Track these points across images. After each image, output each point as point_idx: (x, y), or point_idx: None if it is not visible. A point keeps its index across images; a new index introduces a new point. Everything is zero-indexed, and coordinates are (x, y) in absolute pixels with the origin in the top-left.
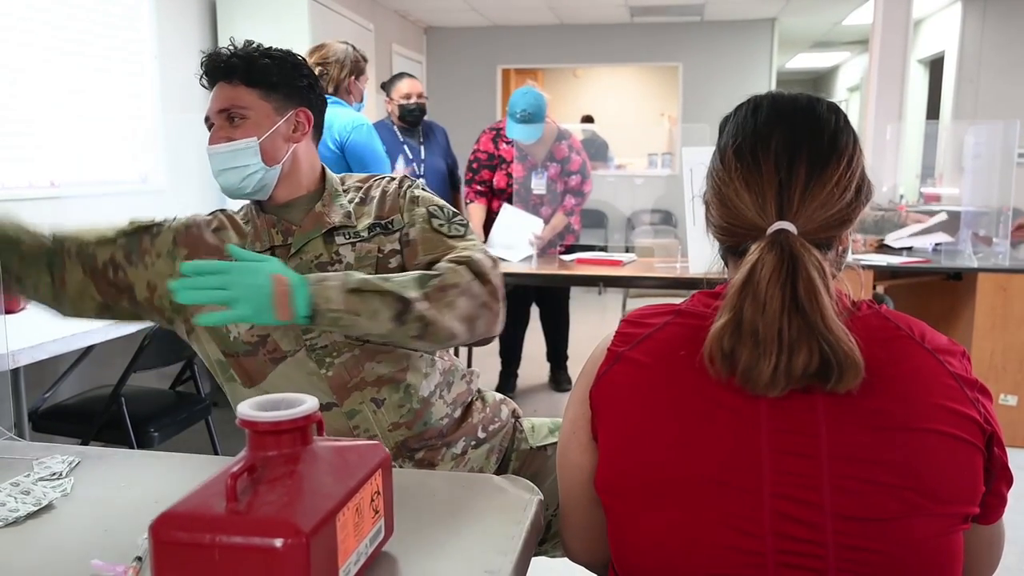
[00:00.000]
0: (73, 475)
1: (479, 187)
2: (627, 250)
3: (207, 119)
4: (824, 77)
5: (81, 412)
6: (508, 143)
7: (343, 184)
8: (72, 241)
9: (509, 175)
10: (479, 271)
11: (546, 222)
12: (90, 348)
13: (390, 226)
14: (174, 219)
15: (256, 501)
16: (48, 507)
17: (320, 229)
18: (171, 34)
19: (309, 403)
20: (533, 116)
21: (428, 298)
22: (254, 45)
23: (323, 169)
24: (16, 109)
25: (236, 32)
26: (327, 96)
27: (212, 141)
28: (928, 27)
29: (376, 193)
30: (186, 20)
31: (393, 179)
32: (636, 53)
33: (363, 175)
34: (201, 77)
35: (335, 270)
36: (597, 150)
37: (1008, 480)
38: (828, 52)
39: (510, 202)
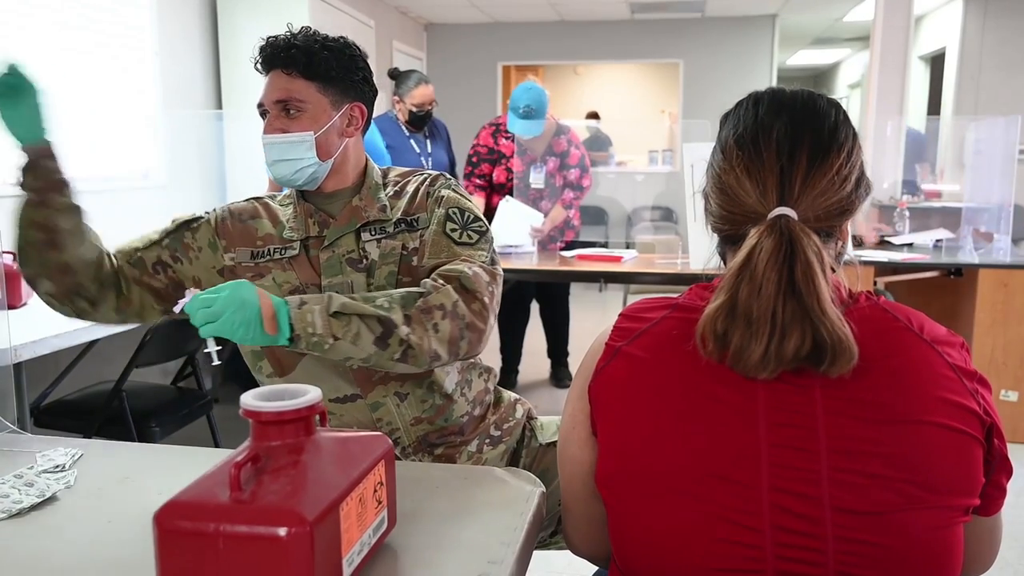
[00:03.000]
0: (76, 467)
1: (479, 181)
2: (628, 246)
3: (260, 106)
4: (825, 74)
5: (82, 407)
6: (507, 138)
7: (385, 177)
8: (124, 255)
9: (509, 170)
10: (470, 288)
11: (545, 216)
12: (92, 343)
13: (415, 223)
14: (214, 211)
15: (260, 490)
16: (51, 499)
17: (354, 224)
18: (172, 30)
19: (312, 393)
20: (535, 112)
21: (411, 320)
22: (312, 33)
23: (366, 162)
24: None
25: (236, 28)
26: None
27: (267, 131)
28: (929, 23)
29: (411, 188)
30: (187, 16)
31: (430, 176)
32: (637, 50)
33: (407, 169)
34: (256, 62)
35: (362, 267)
36: (601, 145)
37: (1008, 471)
38: (829, 49)
39: (510, 196)
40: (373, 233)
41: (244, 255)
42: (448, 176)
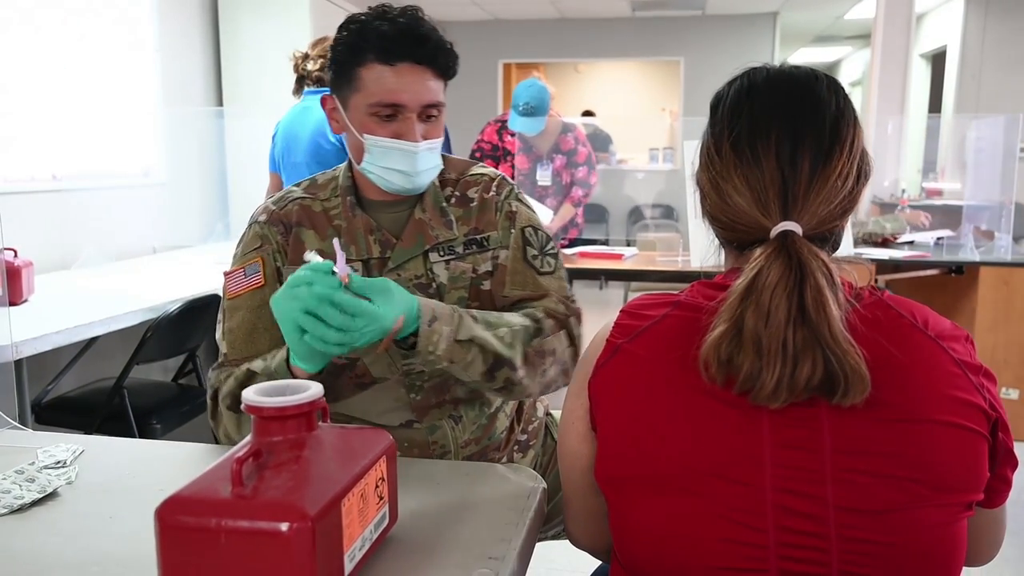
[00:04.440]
0: (77, 463)
1: None
2: (628, 244)
3: (392, 105)
4: (826, 72)
5: (83, 404)
6: (513, 135)
7: (442, 173)
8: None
9: (513, 167)
10: (573, 335)
11: (554, 213)
12: (93, 340)
13: (485, 243)
14: (268, 243)
15: (262, 486)
16: (53, 494)
17: (422, 245)
18: (172, 27)
19: (314, 389)
20: (536, 109)
21: (527, 361)
22: (429, 20)
23: None
24: (17, 102)
25: (238, 26)
26: (327, 88)
27: (413, 137)
28: (930, 21)
29: (475, 196)
30: (187, 12)
31: (493, 181)
32: (638, 48)
33: (460, 159)
34: (375, 46)
35: (432, 291)
36: (601, 143)
37: (1013, 464)
38: (830, 47)
39: None
40: (442, 254)
41: (292, 272)
42: (509, 180)
